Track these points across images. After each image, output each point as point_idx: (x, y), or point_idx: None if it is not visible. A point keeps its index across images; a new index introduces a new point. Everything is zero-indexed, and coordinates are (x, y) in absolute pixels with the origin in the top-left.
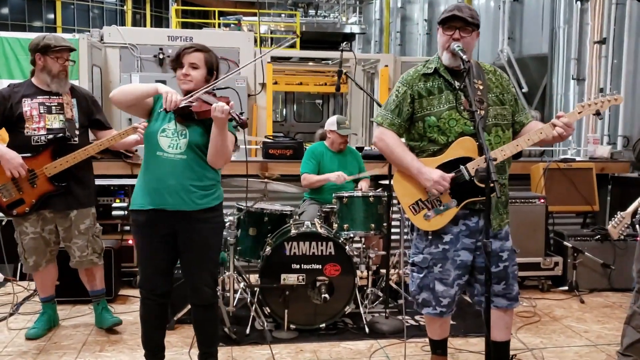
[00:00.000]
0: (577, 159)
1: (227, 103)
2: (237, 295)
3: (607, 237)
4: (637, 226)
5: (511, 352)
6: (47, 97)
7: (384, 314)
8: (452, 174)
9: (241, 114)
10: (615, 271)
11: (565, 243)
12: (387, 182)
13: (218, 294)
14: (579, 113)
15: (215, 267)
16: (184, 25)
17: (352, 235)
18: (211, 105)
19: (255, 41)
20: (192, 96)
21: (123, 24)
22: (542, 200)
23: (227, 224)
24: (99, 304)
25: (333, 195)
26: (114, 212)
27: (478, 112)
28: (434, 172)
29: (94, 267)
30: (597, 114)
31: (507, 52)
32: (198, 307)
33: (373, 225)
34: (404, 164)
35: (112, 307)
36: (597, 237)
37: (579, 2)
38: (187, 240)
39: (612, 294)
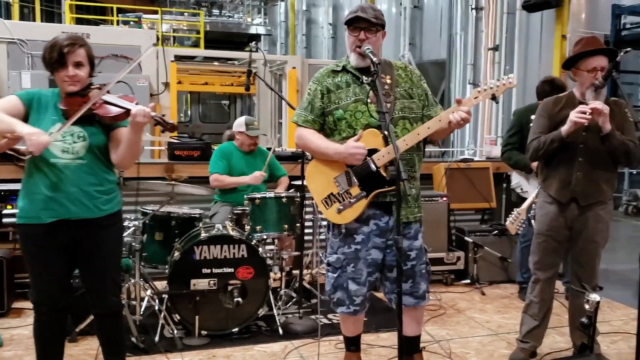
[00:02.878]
0: (475, 159)
1: (134, 102)
2: (144, 303)
3: (504, 232)
4: (532, 221)
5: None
6: None
7: (297, 315)
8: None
9: (163, 116)
10: (512, 264)
11: (466, 238)
12: (299, 182)
13: (122, 301)
14: (475, 98)
15: (119, 274)
16: (79, 22)
17: (265, 237)
18: (122, 107)
19: (158, 39)
20: (91, 101)
21: (9, 18)
22: (444, 198)
23: (132, 229)
24: None
25: (245, 196)
26: (5, 220)
27: (384, 105)
28: (346, 145)
29: None
30: (493, 98)
31: (408, 57)
32: (103, 316)
33: (286, 226)
34: (322, 150)
35: (7, 321)
36: (495, 232)
37: (474, 10)
38: (91, 248)
39: (509, 285)
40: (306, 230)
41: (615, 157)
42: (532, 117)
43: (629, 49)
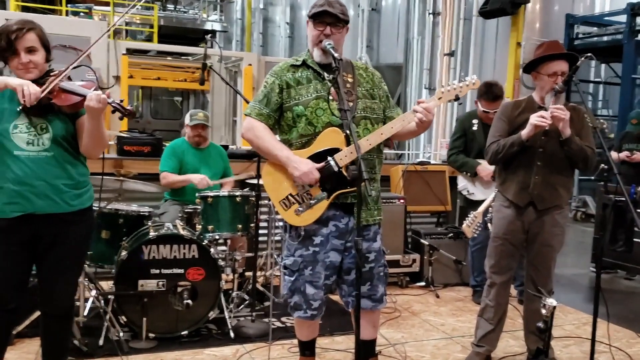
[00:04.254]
0: (432, 162)
1: (93, 88)
2: (89, 304)
3: (459, 235)
4: (489, 224)
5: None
6: None
7: (250, 318)
8: (322, 164)
9: (121, 101)
10: (466, 267)
11: (422, 241)
12: (254, 181)
13: None
14: (439, 98)
15: (78, 274)
16: (25, 10)
17: (217, 237)
18: (79, 94)
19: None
20: (50, 85)
21: None
22: (402, 201)
23: None
24: None
25: (197, 195)
26: None
27: (346, 104)
28: (303, 163)
29: None
30: (457, 99)
31: (366, 59)
32: (53, 317)
33: (240, 226)
34: (272, 152)
35: None
36: (450, 235)
37: (431, 15)
38: (54, 245)
39: (463, 288)
40: (261, 231)
41: (573, 162)
42: (474, 121)
43: (589, 54)
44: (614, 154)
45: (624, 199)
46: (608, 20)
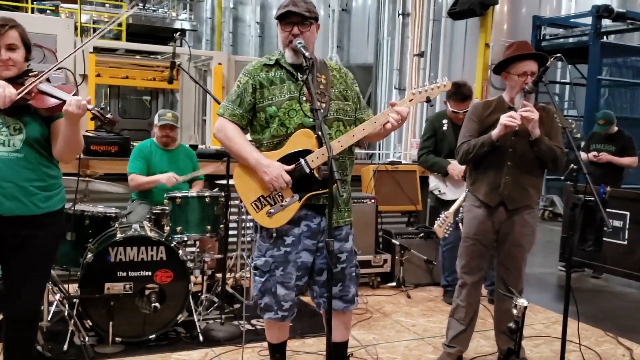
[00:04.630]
0: (403, 162)
1: (72, 92)
2: (53, 308)
3: (430, 235)
4: (460, 224)
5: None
6: None
7: (219, 321)
8: (292, 166)
9: (102, 109)
10: (437, 267)
11: (393, 241)
12: (224, 181)
13: None
14: (411, 100)
15: (46, 279)
16: None
17: (185, 238)
18: (58, 98)
19: (76, 29)
20: (27, 87)
21: None
22: (373, 200)
23: None
24: None
25: (165, 195)
26: None
27: (319, 105)
28: (273, 167)
29: None
30: (428, 100)
31: (336, 60)
32: (17, 323)
33: (209, 227)
34: (242, 155)
35: None
36: (421, 235)
37: (401, 16)
38: (22, 248)
39: (434, 288)
40: (230, 232)
41: (543, 162)
42: (444, 121)
43: (559, 55)
44: (582, 154)
45: (593, 198)
46: (574, 22)
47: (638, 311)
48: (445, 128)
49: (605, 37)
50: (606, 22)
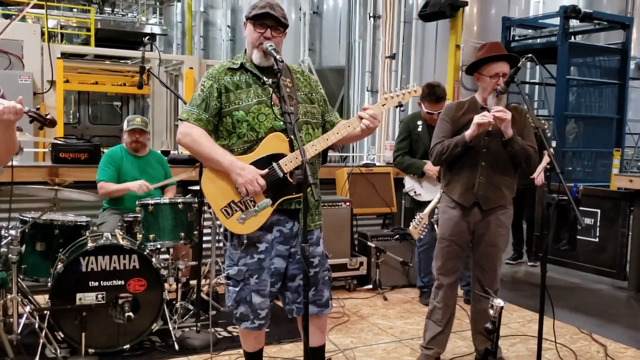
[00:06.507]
0: (377, 164)
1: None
2: (23, 320)
3: (405, 237)
4: (435, 226)
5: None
6: None
7: (195, 328)
8: (266, 171)
9: (37, 109)
10: (413, 268)
11: (369, 243)
12: (197, 187)
13: None
14: (383, 105)
15: None
16: None
17: (159, 246)
18: None
19: (43, 35)
20: None
21: None
22: (348, 203)
23: (8, 239)
24: None
25: (137, 202)
26: None
27: (289, 108)
28: (247, 169)
29: None
30: (400, 105)
31: (308, 62)
32: None
33: (183, 234)
34: (214, 158)
35: None
36: (396, 236)
37: (372, 19)
38: None
39: (410, 289)
40: (205, 238)
41: (516, 162)
42: (419, 122)
43: (530, 55)
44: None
45: (566, 197)
46: (542, 22)
47: (611, 307)
48: (420, 129)
49: (573, 37)
50: (574, 23)
